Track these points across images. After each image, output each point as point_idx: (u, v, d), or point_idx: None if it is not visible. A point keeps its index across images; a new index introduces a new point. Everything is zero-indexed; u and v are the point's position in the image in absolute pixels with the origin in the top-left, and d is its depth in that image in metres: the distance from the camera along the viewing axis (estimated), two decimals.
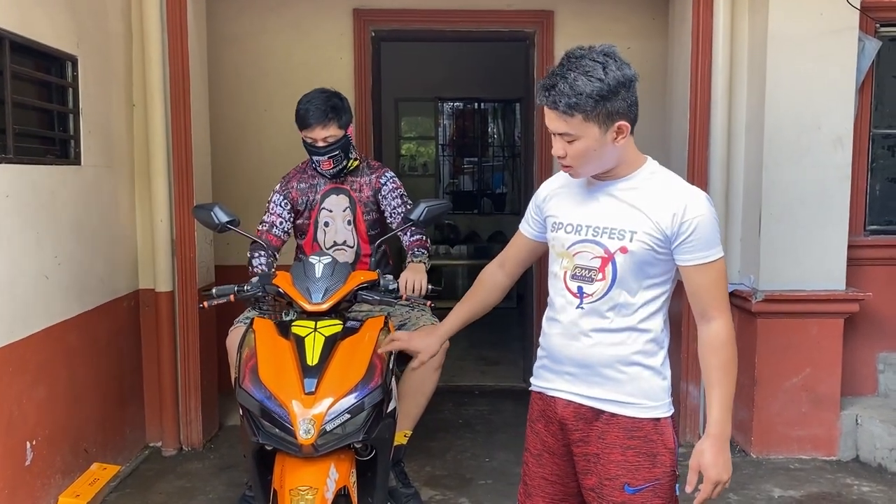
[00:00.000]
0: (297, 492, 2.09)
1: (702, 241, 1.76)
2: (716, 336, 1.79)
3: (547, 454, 1.94)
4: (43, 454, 2.95)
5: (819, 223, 3.72)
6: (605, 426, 1.84)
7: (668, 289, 1.85)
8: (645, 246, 1.77)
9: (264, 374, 2.22)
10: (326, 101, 2.99)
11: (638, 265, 1.79)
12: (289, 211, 3.14)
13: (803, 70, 3.64)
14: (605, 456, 1.83)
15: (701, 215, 1.75)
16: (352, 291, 2.48)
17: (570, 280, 1.85)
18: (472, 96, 8.80)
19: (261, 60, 4.68)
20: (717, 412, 1.77)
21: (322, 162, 3.02)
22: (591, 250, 1.82)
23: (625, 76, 1.71)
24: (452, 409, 4.56)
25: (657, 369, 1.84)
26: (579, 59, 1.71)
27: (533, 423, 1.99)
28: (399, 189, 3.17)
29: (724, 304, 1.81)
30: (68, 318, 3.17)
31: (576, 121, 1.70)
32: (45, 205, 3.00)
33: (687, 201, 1.76)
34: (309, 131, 2.97)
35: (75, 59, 3.26)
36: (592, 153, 1.75)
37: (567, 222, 1.88)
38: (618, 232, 1.79)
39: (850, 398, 3.97)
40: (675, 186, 1.81)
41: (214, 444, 4.04)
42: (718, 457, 1.76)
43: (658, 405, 1.84)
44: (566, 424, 1.88)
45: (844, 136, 3.68)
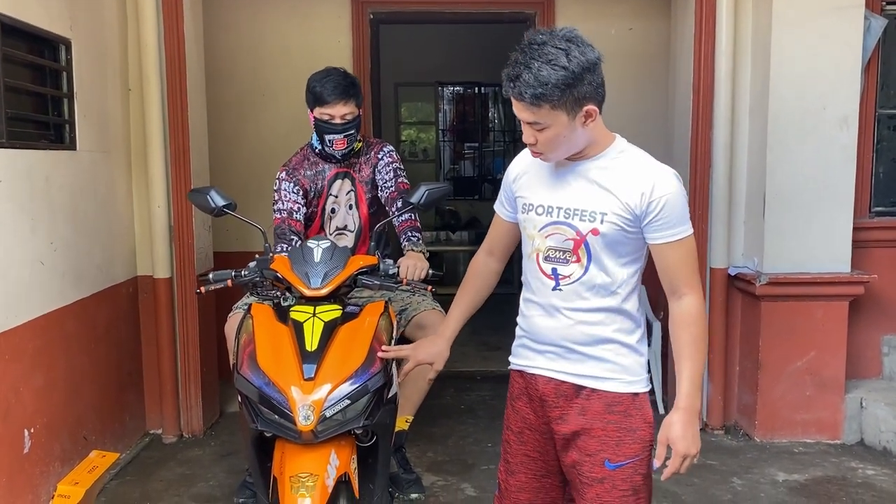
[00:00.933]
0: (298, 478, 2.06)
1: (670, 219, 1.76)
2: (687, 312, 1.81)
3: (528, 431, 1.94)
4: (41, 442, 2.93)
5: (824, 205, 3.67)
6: (586, 401, 1.85)
7: (640, 266, 1.87)
8: (615, 227, 1.78)
9: (263, 360, 2.18)
10: (345, 77, 2.93)
11: (610, 245, 1.80)
12: (302, 197, 3.05)
13: (808, 49, 3.59)
14: (586, 432, 1.84)
15: (669, 193, 1.75)
16: (351, 276, 2.44)
17: (544, 262, 1.85)
18: (473, 80, 8.73)
19: (258, 44, 4.62)
20: (686, 386, 1.79)
21: (336, 141, 2.94)
22: (563, 232, 1.82)
23: (588, 60, 1.68)
24: (454, 394, 4.54)
25: (634, 346, 1.86)
26: (541, 47, 1.67)
27: (514, 400, 1.99)
28: (395, 163, 3.10)
29: (695, 280, 1.82)
30: (65, 305, 3.13)
31: (543, 111, 1.69)
32: (40, 190, 2.96)
33: (655, 180, 1.76)
34: (328, 108, 2.88)
35: (69, 42, 3.21)
36: (562, 139, 1.74)
37: (538, 203, 1.87)
38: (588, 214, 1.79)
39: (854, 381, 3.94)
40: (642, 165, 1.80)
41: (215, 431, 4.02)
42: (687, 429, 1.77)
43: (636, 380, 1.86)
44: (546, 401, 1.89)
45: (850, 117, 3.63)
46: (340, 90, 2.88)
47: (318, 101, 2.90)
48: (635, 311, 1.87)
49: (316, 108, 2.92)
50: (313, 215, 3.10)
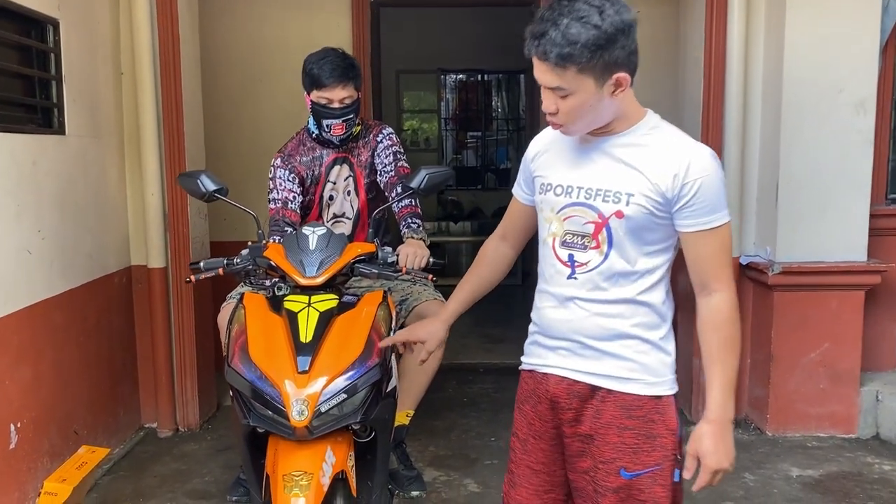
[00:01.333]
0: (291, 477, 1.95)
1: (705, 205, 1.58)
2: (717, 311, 1.63)
3: (533, 439, 1.79)
4: (28, 437, 2.82)
5: (839, 191, 3.54)
6: (601, 404, 1.68)
7: (669, 257, 1.69)
8: (643, 210, 1.60)
9: (255, 352, 2.07)
10: (343, 59, 2.79)
11: (635, 231, 1.62)
12: (298, 185, 2.93)
13: (823, 30, 3.45)
14: (601, 437, 1.67)
15: (705, 175, 1.57)
16: (348, 264, 2.32)
17: (560, 247, 1.68)
18: (476, 67, 8.60)
19: (255, 27, 4.49)
20: (717, 395, 1.61)
21: (335, 126, 2.80)
22: (583, 214, 1.64)
23: (623, 21, 1.51)
24: (457, 387, 4.44)
25: (657, 343, 1.68)
26: (572, 3, 1.50)
27: (521, 404, 1.83)
28: (394, 146, 2.97)
29: (728, 276, 1.64)
30: (53, 296, 3.03)
31: (569, 74, 1.51)
32: (26, 176, 2.84)
33: (690, 159, 1.57)
34: (326, 91, 2.75)
35: (57, 22, 3.09)
36: (587, 109, 1.56)
37: (557, 183, 1.69)
38: (613, 194, 1.61)
39: (870, 374, 3.82)
40: (677, 143, 1.62)
41: (212, 425, 3.92)
42: (719, 443, 1.60)
43: (659, 381, 1.68)
44: (558, 402, 1.72)
45: (867, 100, 3.50)
46: (339, 72, 2.74)
47: (315, 83, 2.77)
48: (661, 305, 1.68)
49: (313, 91, 2.79)
50: (311, 203, 2.98)
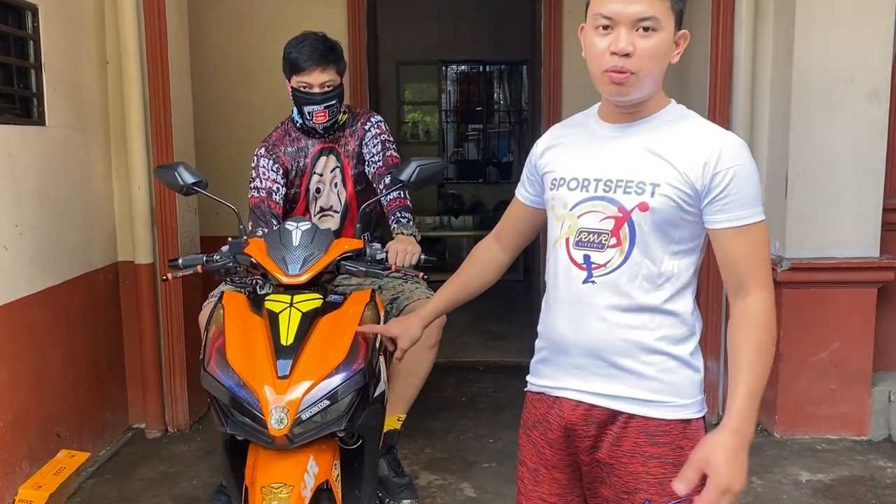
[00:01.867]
0: (270, 489, 1.83)
1: (738, 199, 1.42)
2: (753, 314, 1.45)
3: (544, 469, 1.61)
4: (5, 440, 2.71)
5: (852, 184, 3.41)
6: (622, 430, 1.50)
7: (696, 259, 1.52)
8: (670, 202, 1.44)
9: (232, 355, 1.96)
10: (324, 41, 2.69)
11: (661, 226, 1.45)
12: (282, 176, 2.82)
13: (835, 15, 3.31)
14: (622, 466, 1.50)
15: (738, 165, 1.42)
16: (334, 262, 2.20)
17: (574, 248, 1.51)
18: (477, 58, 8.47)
19: (247, 15, 4.37)
20: (741, 402, 1.40)
21: (317, 113, 2.70)
22: (601, 209, 1.48)
23: None
24: (455, 386, 4.32)
25: (686, 359, 1.51)
26: None
27: (528, 429, 1.64)
28: (383, 134, 2.86)
29: (766, 276, 1.47)
30: (32, 293, 2.91)
31: (665, 6, 1.41)
32: (2, 168, 2.72)
33: (722, 147, 1.43)
34: (305, 75, 2.65)
35: (35, 7, 2.97)
36: (663, 57, 1.44)
37: (571, 177, 1.53)
38: (636, 185, 1.45)
39: (882, 373, 3.69)
40: (706, 130, 1.48)
41: (202, 426, 3.80)
42: (734, 458, 1.36)
43: (689, 403, 1.51)
44: (574, 430, 1.54)
45: (881, 89, 3.36)
46: (318, 55, 2.64)
47: (294, 68, 2.67)
48: (689, 315, 1.52)
49: (293, 76, 2.69)
50: (297, 196, 2.85)
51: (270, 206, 2.71)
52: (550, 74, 4.53)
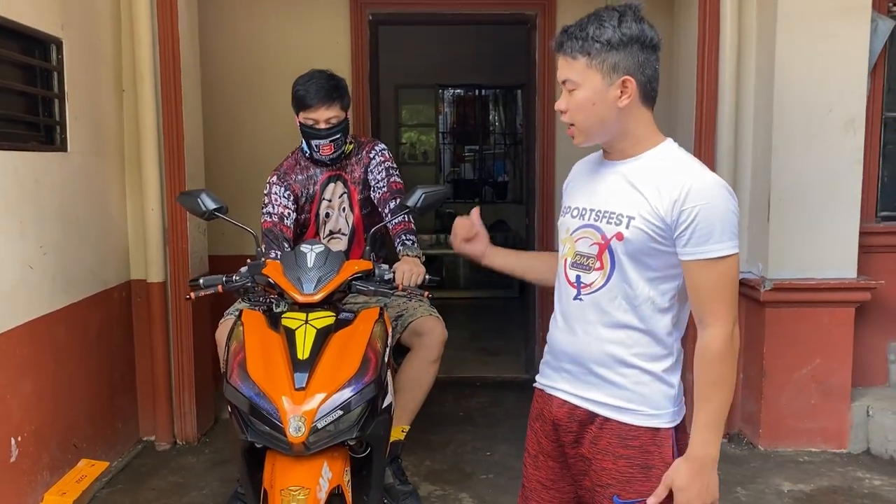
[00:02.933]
0: (289, 492, 1.99)
1: (704, 234, 1.54)
2: (708, 347, 1.58)
3: (542, 456, 1.82)
4: (29, 450, 2.86)
5: (830, 209, 3.60)
6: (599, 430, 1.68)
7: (675, 286, 1.64)
8: (642, 234, 1.59)
9: (253, 368, 2.12)
10: (329, 80, 2.87)
11: (634, 255, 1.61)
12: (293, 202, 2.99)
13: (814, 51, 3.52)
14: (597, 462, 1.69)
15: (705, 203, 1.54)
16: (345, 282, 2.37)
17: (570, 268, 1.71)
18: (473, 83, 8.69)
19: (255, 44, 4.56)
20: (699, 433, 1.58)
21: (322, 146, 2.88)
22: (590, 236, 1.67)
23: (642, 32, 1.58)
24: (453, 401, 4.47)
25: (660, 375, 1.65)
26: (601, 10, 1.62)
27: (532, 421, 1.86)
28: (386, 161, 3.03)
29: (725, 311, 1.58)
30: (55, 310, 3.07)
31: (578, 65, 1.59)
32: (29, 192, 2.89)
33: (692, 185, 1.55)
34: (311, 112, 2.83)
35: (60, 41, 3.15)
36: (591, 108, 1.60)
37: (574, 206, 1.74)
38: (616, 216, 1.63)
39: (860, 389, 3.87)
40: (683, 168, 1.61)
41: (210, 438, 3.95)
42: (693, 481, 1.57)
43: (659, 414, 1.65)
44: (560, 425, 1.75)
45: (856, 119, 3.56)
46: (323, 94, 2.82)
47: (301, 105, 2.85)
48: (666, 336, 1.65)
49: (300, 112, 2.87)
50: (307, 221, 3.03)
51: (282, 230, 2.89)
52: (544, 101, 4.72)
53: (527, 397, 1.95)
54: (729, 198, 1.58)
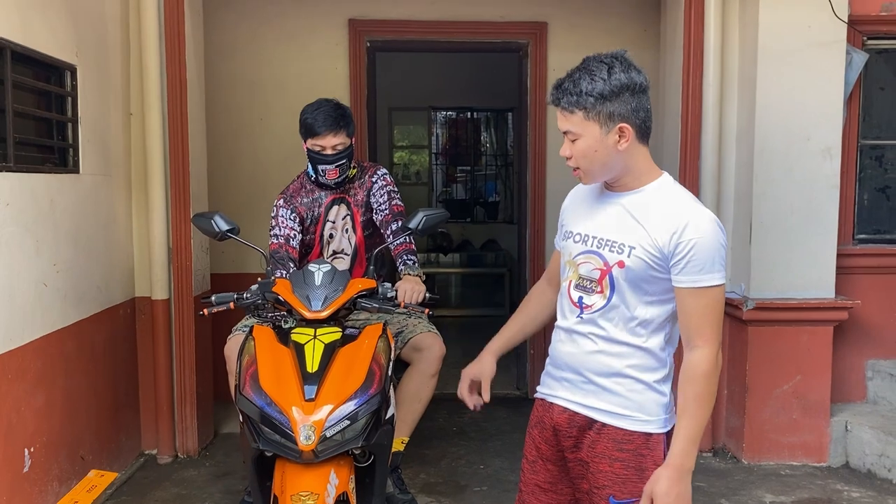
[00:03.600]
0: (299, 497, 2.11)
1: (698, 264, 1.72)
2: (695, 367, 1.75)
3: (541, 461, 1.96)
4: (41, 461, 2.96)
5: (809, 232, 3.77)
6: (597, 435, 1.83)
7: (668, 309, 1.81)
8: (642, 262, 1.76)
9: (265, 380, 2.24)
10: (335, 109, 3.01)
11: (634, 281, 1.78)
12: (298, 224, 3.13)
13: (792, 82, 3.71)
14: (595, 465, 1.83)
15: (700, 237, 1.72)
16: (351, 299, 2.50)
17: (573, 290, 1.87)
18: (465, 105, 8.87)
19: (257, 70, 4.71)
20: (681, 443, 1.74)
21: (329, 171, 3.02)
22: (592, 262, 1.82)
23: (630, 79, 1.72)
24: (446, 416, 4.57)
25: (651, 385, 1.82)
26: (590, 61, 1.75)
27: (531, 428, 2.00)
28: (388, 186, 3.17)
29: (712, 335, 1.75)
30: (66, 326, 3.18)
31: (576, 118, 1.73)
32: (44, 213, 3.02)
33: (689, 220, 1.73)
34: (319, 139, 2.97)
35: (74, 68, 3.29)
36: (594, 154, 1.75)
37: (576, 231, 1.89)
38: (618, 245, 1.79)
39: (839, 405, 4.02)
40: (680, 204, 1.78)
41: (210, 452, 4.05)
42: (672, 488, 1.71)
43: (651, 420, 1.82)
44: (560, 430, 1.89)
45: (833, 147, 3.75)
46: (331, 122, 2.96)
47: (309, 132, 2.99)
48: (660, 351, 1.82)
49: (308, 139, 3.01)
50: (312, 242, 3.17)
51: (288, 251, 3.03)
52: (536, 124, 4.90)
53: (519, 413, 2.09)
54: (720, 233, 1.76)
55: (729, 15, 3.85)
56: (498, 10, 4.73)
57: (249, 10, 4.68)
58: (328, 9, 4.70)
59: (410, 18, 4.70)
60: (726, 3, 3.84)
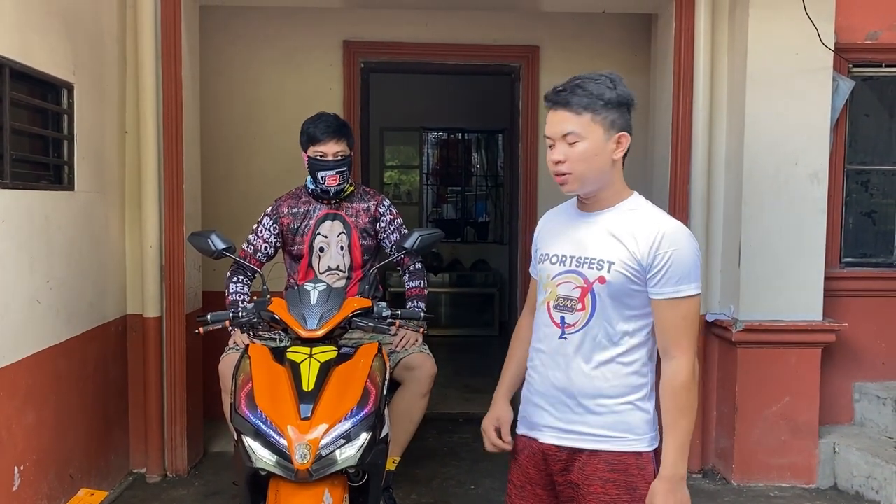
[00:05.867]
0: None
1: (674, 275, 1.78)
2: (674, 377, 1.80)
3: (529, 486, 1.96)
4: (30, 480, 2.94)
5: (797, 255, 3.82)
6: (587, 459, 1.85)
7: (648, 322, 1.86)
8: (622, 276, 1.80)
9: (260, 399, 2.25)
10: (336, 119, 3.13)
11: (615, 296, 1.82)
12: (276, 236, 3.19)
13: (780, 108, 3.77)
14: (586, 487, 1.85)
15: (677, 249, 1.78)
16: (346, 318, 2.52)
17: (554, 310, 1.89)
18: (456, 126, 8.93)
19: (252, 89, 4.75)
20: (671, 455, 1.79)
21: (329, 177, 3.07)
22: (572, 280, 1.86)
23: (629, 96, 1.83)
24: (437, 436, 4.58)
25: (638, 403, 1.85)
26: (590, 75, 1.82)
27: (517, 454, 2.01)
28: (396, 220, 3.26)
29: (688, 344, 1.80)
30: (58, 343, 3.17)
31: (584, 119, 1.78)
32: (39, 229, 3.02)
33: (665, 233, 1.79)
34: (321, 146, 3.04)
35: (71, 86, 3.30)
36: (593, 158, 1.79)
37: (553, 253, 1.93)
38: (597, 262, 1.83)
39: (827, 427, 4.05)
40: (655, 218, 1.84)
41: (199, 471, 4.03)
42: (668, 498, 1.77)
43: (640, 439, 1.85)
44: (549, 455, 1.91)
45: (820, 172, 3.81)
46: (333, 129, 3.06)
47: (311, 140, 3.07)
48: (641, 366, 1.86)
49: (309, 147, 3.08)
50: (300, 252, 3.19)
51: (252, 262, 3.13)
52: (527, 145, 4.95)
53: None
54: (694, 242, 1.83)
55: (718, 41, 3.93)
56: (491, 34, 4.80)
57: (245, 29, 4.72)
58: (323, 30, 4.75)
59: (404, 41, 4.77)
60: (716, 29, 3.92)
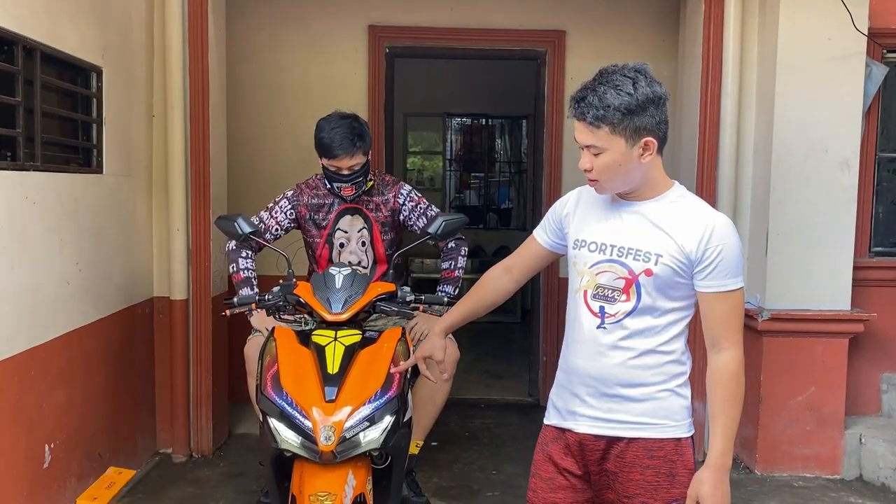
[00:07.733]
0: (317, 497, 2.14)
1: (724, 269, 1.77)
2: (725, 368, 1.80)
3: (561, 477, 1.91)
4: (60, 457, 3.00)
5: (825, 244, 3.77)
6: (626, 446, 1.84)
7: (689, 313, 1.86)
8: (669, 269, 1.78)
9: (286, 381, 2.27)
10: (351, 128, 2.93)
11: (661, 288, 1.80)
12: (290, 221, 3.15)
13: (811, 94, 3.71)
14: (624, 475, 1.84)
15: (726, 243, 1.77)
16: (371, 302, 2.53)
17: (592, 299, 1.85)
18: (480, 112, 8.90)
19: (278, 75, 4.76)
20: (719, 444, 1.78)
21: (344, 188, 3.00)
22: (614, 270, 1.82)
23: (654, 93, 1.74)
24: (458, 421, 4.59)
25: (676, 390, 1.85)
26: (611, 74, 1.75)
27: (546, 445, 1.96)
28: (420, 204, 3.16)
29: (737, 336, 1.81)
30: (87, 324, 3.22)
31: (602, 133, 1.73)
32: (69, 212, 3.06)
33: (714, 226, 1.77)
34: (335, 161, 2.92)
35: (100, 70, 3.33)
36: (618, 167, 1.76)
37: (591, 240, 1.87)
38: (643, 254, 1.80)
39: (853, 417, 4.01)
40: (702, 211, 1.82)
41: (224, 452, 4.08)
42: (717, 488, 1.76)
43: (679, 425, 1.85)
44: (586, 445, 1.88)
45: (851, 159, 3.75)
46: (347, 144, 2.90)
47: (325, 152, 2.95)
48: (681, 355, 1.86)
49: (323, 158, 2.98)
50: (316, 245, 3.16)
51: (256, 241, 2.99)
52: (552, 131, 4.92)
53: (530, 420, 2.11)
54: (738, 237, 1.82)
55: (748, 26, 3.87)
56: (517, 18, 4.76)
57: (271, 15, 4.73)
58: (348, 15, 4.74)
59: (429, 25, 4.74)
60: (746, 14, 3.86)
